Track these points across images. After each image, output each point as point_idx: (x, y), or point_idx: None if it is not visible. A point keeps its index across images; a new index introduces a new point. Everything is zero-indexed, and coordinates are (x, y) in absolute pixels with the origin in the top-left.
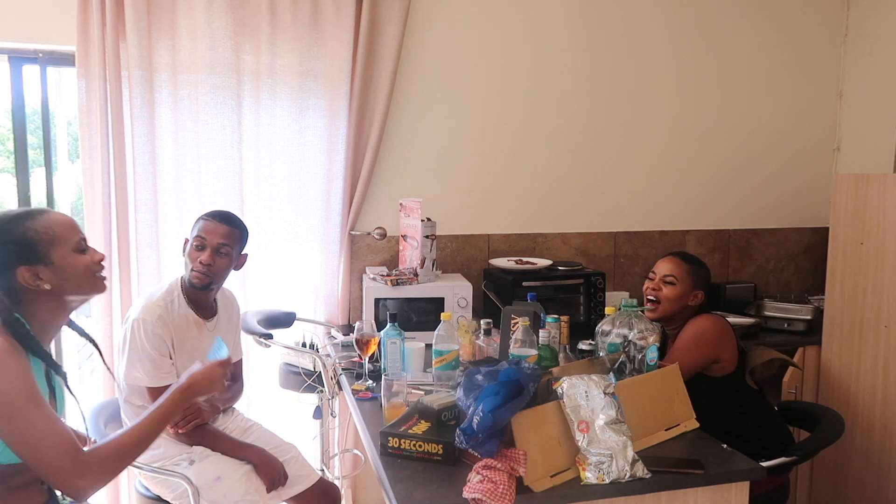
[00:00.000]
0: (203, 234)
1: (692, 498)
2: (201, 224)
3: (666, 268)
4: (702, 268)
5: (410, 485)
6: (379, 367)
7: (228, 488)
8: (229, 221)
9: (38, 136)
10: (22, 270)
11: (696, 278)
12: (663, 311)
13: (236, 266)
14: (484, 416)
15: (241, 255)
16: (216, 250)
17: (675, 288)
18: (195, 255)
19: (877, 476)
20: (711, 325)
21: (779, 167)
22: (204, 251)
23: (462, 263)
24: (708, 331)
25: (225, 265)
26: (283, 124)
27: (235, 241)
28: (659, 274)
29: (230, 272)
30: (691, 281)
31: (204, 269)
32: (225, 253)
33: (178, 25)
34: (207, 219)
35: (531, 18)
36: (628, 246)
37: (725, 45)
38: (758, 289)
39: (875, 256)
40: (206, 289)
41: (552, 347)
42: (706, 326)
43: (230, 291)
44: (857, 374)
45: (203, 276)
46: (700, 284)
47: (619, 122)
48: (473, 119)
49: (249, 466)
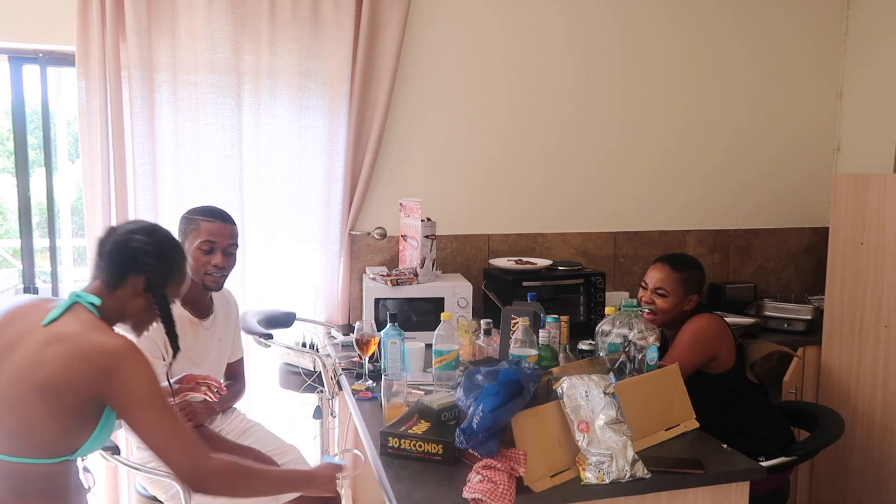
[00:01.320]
0: (211, 236)
1: (692, 498)
2: (205, 226)
3: (656, 279)
4: (693, 270)
5: (410, 485)
6: (379, 367)
7: None
8: (229, 219)
9: (38, 136)
10: (171, 289)
11: (688, 285)
12: (661, 321)
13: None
14: (484, 416)
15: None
16: (226, 251)
17: (668, 300)
18: (204, 259)
19: (877, 476)
20: (707, 323)
21: (779, 167)
22: (214, 254)
23: (462, 263)
24: (704, 329)
25: (233, 264)
26: (283, 124)
27: (237, 237)
28: (650, 285)
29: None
30: (683, 290)
31: (218, 272)
32: (232, 252)
33: (178, 25)
34: (209, 219)
35: (531, 18)
36: (628, 246)
37: (725, 45)
38: (758, 289)
39: (875, 256)
40: (218, 290)
41: (552, 347)
42: (702, 325)
43: (227, 290)
44: (857, 374)
45: (218, 278)
46: (694, 289)
47: (619, 122)
48: (473, 119)
49: None
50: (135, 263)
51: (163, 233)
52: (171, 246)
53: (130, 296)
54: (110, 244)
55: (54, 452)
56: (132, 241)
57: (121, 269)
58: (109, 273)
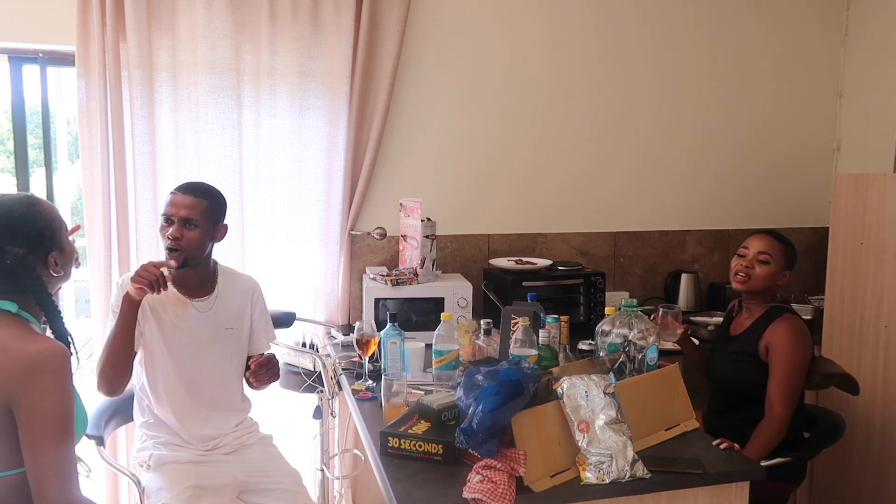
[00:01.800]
0: (168, 207)
1: (692, 498)
2: (168, 198)
3: (760, 244)
4: (792, 248)
5: (410, 485)
6: (379, 367)
7: (166, 499)
8: (193, 191)
9: (38, 136)
10: (53, 256)
11: (787, 257)
12: (753, 286)
13: (214, 237)
14: (484, 416)
15: (219, 225)
16: (183, 224)
17: (769, 267)
18: (164, 231)
19: (877, 476)
20: (801, 321)
21: (779, 167)
22: (172, 226)
23: (462, 263)
24: (802, 325)
25: (196, 237)
26: (283, 124)
27: (203, 210)
28: (752, 251)
29: (209, 245)
30: (783, 261)
31: (174, 245)
32: (194, 224)
33: (178, 25)
34: (173, 192)
35: (531, 18)
36: (628, 246)
37: (725, 45)
38: None
39: (875, 256)
40: (183, 266)
41: (552, 347)
42: (798, 322)
43: (250, 278)
44: (857, 374)
45: (175, 252)
46: (790, 264)
47: (618, 123)
48: (473, 119)
49: (196, 484)
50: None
51: (8, 216)
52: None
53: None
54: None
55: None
56: (5, 256)
57: (15, 285)
58: (8, 289)
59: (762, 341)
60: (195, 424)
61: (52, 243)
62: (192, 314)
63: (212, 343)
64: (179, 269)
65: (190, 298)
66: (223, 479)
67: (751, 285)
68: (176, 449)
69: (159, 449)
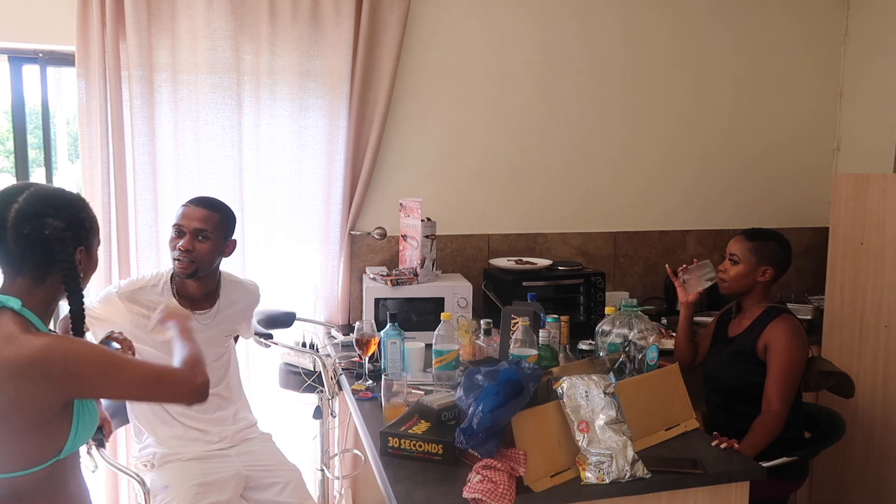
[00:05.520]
0: (179, 220)
1: (692, 498)
2: (179, 211)
3: (730, 247)
4: (769, 242)
5: (410, 485)
6: (379, 367)
7: (172, 497)
8: (206, 205)
9: (37, 136)
10: (80, 252)
11: (760, 254)
12: (728, 288)
13: (223, 252)
14: (484, 416)
15: (228, 240)
16: (195, 235)
17: (739, 266)
18: (174, 243)
19: (877, 476)
20: (797, 322)
21: (779, 167)
22: (183, 237)
23: (462, 263)
24: (798, 325)
25: (207, 250)
26: (283, 124)
27: (215, 225)
28: (727, 253)
29: (218, 259)
30: (755, 258)
31: (184, 256)
32: (205, 237)
33: (178, 25)
34: (185, 204)
35: (532, 19)
36: (628, 246)
37: (726, 46)
38: None
39: (875, 256)
40: (192, 276)
41: (552, 347)
42: (794, 322)
43: (252, 284)
44: (857, 374)
45: (185, 263)
46: (767, 260)
47: (618, 123)
48: (474, 119)
49: (201, 480)
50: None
51: (58, 196)
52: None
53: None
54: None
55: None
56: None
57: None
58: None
59: (761, 340)
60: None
61: (86, 239)
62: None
63: (212, 351)
64: (186, 279)
65: (193, 311)
66: (227, 473)
67: (729, 287)
68: (179, 446)
69: (162, 447)
